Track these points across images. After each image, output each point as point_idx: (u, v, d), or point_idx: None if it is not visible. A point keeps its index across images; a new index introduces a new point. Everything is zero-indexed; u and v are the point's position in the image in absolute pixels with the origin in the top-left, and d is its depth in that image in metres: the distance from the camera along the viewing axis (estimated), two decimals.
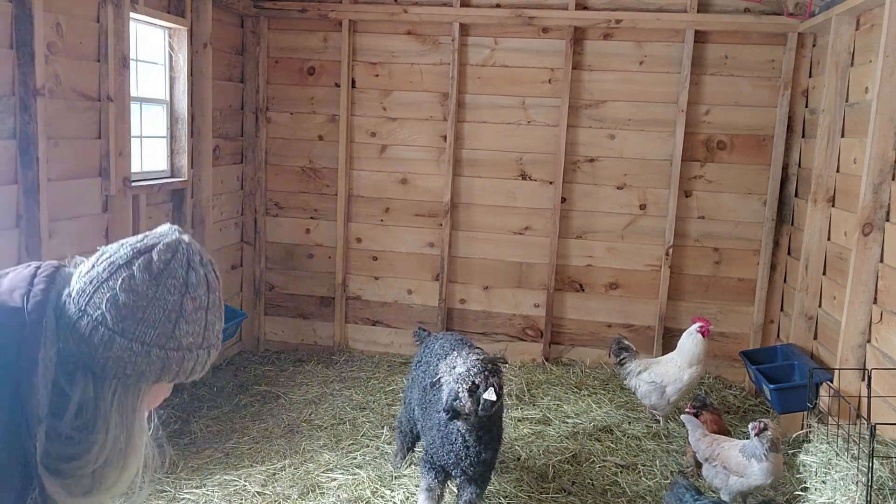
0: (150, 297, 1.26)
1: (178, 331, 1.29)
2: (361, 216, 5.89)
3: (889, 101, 3.62)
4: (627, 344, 4.82)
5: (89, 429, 1.28)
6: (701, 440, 3.62)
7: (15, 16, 3.40)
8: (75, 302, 1.26)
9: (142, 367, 1.27)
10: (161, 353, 1.28)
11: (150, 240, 1.32)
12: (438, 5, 5.53)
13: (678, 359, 4.53)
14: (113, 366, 1.26)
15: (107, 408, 1.29)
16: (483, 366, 3.04)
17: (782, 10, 5.09)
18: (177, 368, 1.31)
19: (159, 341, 1.27)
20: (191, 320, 1.30)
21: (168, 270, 1.28)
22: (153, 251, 1.29)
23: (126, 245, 1.31)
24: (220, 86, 5.35)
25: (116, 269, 1.27)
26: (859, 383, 3.73)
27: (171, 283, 1.28)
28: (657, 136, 5.44)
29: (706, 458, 3.58)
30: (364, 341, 6.00)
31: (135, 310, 1.25)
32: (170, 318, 1.27)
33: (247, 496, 3.64)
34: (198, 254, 1.34)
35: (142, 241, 1.32)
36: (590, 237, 5.62)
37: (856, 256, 3.76)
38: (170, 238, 1.33)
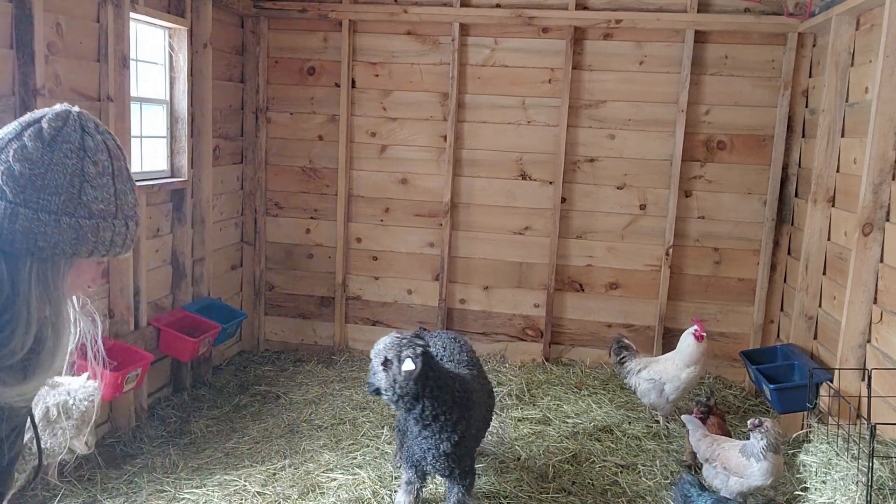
0: (46, 164, 1.23)
1: (85, 196, 1.25)
2: (361, 216, 5.89)
3: (889, 101, 3.62)
4: (627, 343, 4.85)
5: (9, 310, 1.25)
6: (701, 441, 3.62)
7: (15, 16, 3.40)
8: None
9: (53, 237, 1.23)
10: (71, 220, 1.24)
11: (38, 112, 1.30)
12: (438, 5, 5.53)
13: (677, 358, 4.55)
14: (22, 240, 1.22)
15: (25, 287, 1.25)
16: (397, 340, 3.07)
17: (782, 10, 5.09)
18: (93, 239, 1.27)
19: (67, 208, 1.24)
20: (97, 185, 1.27)
21: (61, 136, 1.26)
22: (42, 120, 1.27)
23: (15, 122, 1.29)
24: (220, 86, 5.35)
25: (6, 142, 1.25)
26: (859, 383, 3.73)
27: (66, 148, 1.25)
28: (657, 136, 5.44)
29: (706, 458, 3.58)
30: (364, 341, 6.00)
31: (32, 178, 1.22)
32: (73, 184, 1.24)
33: (247, 496, 3.64)
34: (91, 121, 1.32)
35: (30, 115, 1.30)
36: (590, 237, 5.62)
37: (856, 256, 3.76)
38: (59, 109, 1.31)
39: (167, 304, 4.88)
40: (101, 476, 3.78)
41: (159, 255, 4.76)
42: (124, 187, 1.32)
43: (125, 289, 4.22)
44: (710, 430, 3.77)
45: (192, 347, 4.52)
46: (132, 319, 4.30)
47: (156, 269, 4.72)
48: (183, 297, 4.96)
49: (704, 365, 4.59)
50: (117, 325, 4.22)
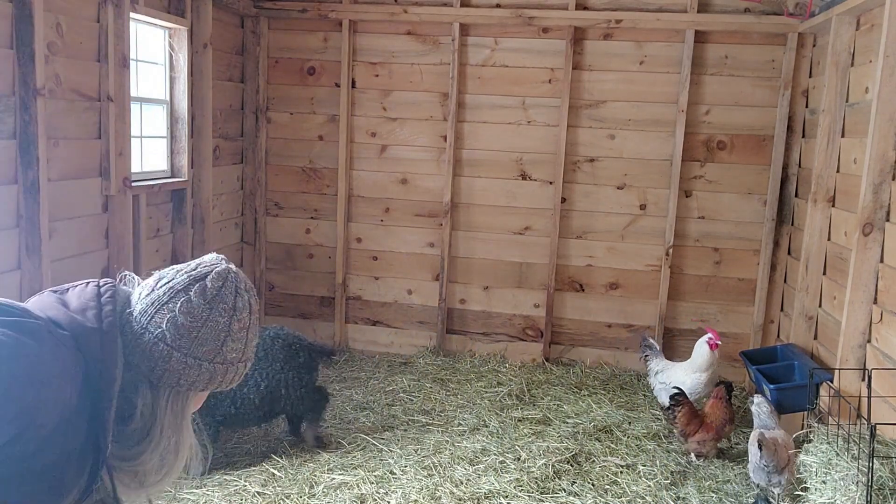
0: (204, 319, 1.45)
1: (226, 348, 1.47)
2: (361, 216, 5.89)
3: (889, 101, 3.61)
4: (652, 342, 4.90)
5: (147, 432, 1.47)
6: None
7: (15, 16, 3.40)
8: (137, 321, 1.45)
9: (193, 378, 1.45)
10: (210, 366, 1.46)
11: (203, 268, 1.52)
12: (438, 5, 5.53)
13: (688, 364, 4.61)
14: (168, 377, 1.44)
15: (161, 413, 1.47)
16: None
17: (782, 11, 5.09)
18: (220, 379, 1.50)
19: (209, 356, 1.46)
20: (236, 339, 1.49)
21: (220, 296, 1.47)
22: (207, 279, 1.48)
23: (182, 272, 1.50)
24: (220, 86, 5.35)
25: (175, 293, 1.46)
26: (859, 383, 3.72)
27: (222, 308, 1.47)
28: (657, 136, 5.44)
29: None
30: (364, 341, 6.00)
31: (191, 329, 1.43)
32: (219, 337, 1.46)
33: (247, 496, 3.64)
34: (243, 282, 1.54)
35: (195, 270, 1.51)
36: (590, 237, 5.62)
37: (856, 256, 3.75)
38: (220, 267, 1.52)
39: None
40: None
41: (159, 255, 4.76)
42: (253, 336, 1.54)
43: None
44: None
45: None
46: None
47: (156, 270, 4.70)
48: None
49: (716, 371, 4.59)
50: None
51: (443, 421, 4.65)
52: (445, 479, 3.84)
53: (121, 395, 1.42)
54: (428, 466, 3.99)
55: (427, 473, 3.91)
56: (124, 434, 1.45)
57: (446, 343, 5.87)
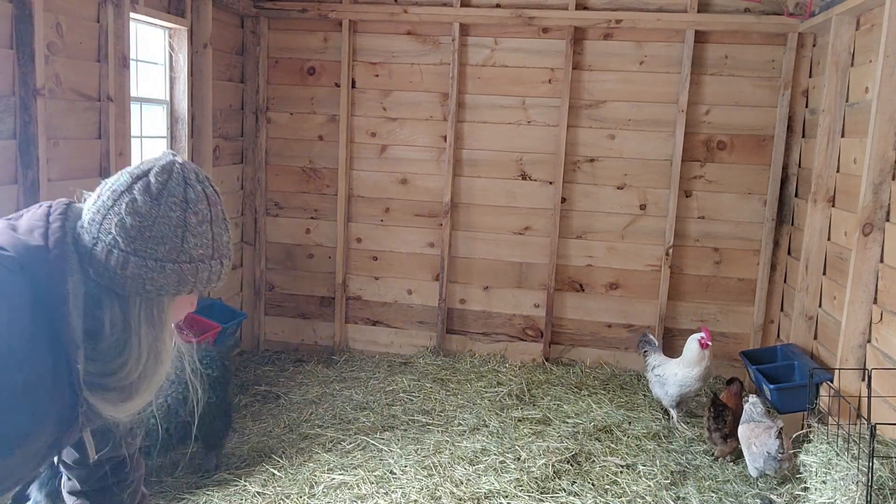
0: (153, 217, 1.36)
1: (187, 244, 1.39)
2: (361, 216, 5.89)
3: (889, 101, 3.62)
4: (651, 338, 4.95)
5: (123, 345, 1.42)
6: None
7: (15, 16, 3.40)
8: (88, 231, 1.37)
9: (159, 281, 1.38)
10: (175, 266, 1.38)
11: (145, 165, 1.43)
12: (438, 5, 5.53)
13: (680, 360, 4.65)
14: (132, 284, 1.37)
15: (136, 324, 1.42)
16: None
17: (782, 10, 5.09)
18: (192, 280, 1.42)
19: (171, 256, 1.38)
20: (197, 233, 1.40)
21: (167, 190, 1.38)
22: (150, 174, 1.40)
23: (125, 173, 1.42)
24: (220, 86, 5.35)
25: (119, 195, 1.38)
26: (859, 383, 3.73)
27: (171, 201, 1.38)
28: (657, 136, 5.44)
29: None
30: (364, 341, 6.00)
31: (142, 230, 1.35)
32: (176, 234, 1.38)
33: (247, 496, 3.64)
34: (193, 171, 1.44)
35: (138, 167, 1.42)
36: (590, 237, 5.62)
37: (856, 256, 3.76)
38: (164, 161, 1.43)
39: None
40: None
41: None
42: (220, 230, 1.46)
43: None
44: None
45: None
46: None
47: None
48: None
49: (708, 368, 4.59)
50: None
51: (443, 421, 4.65)
52: (445, 479, 3.84)
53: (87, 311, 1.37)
54: (428, 466, 3.99)
55: (427, 473, 3.91)
56: (100, 350, 1.41)
57: (446, 343, 5.88)
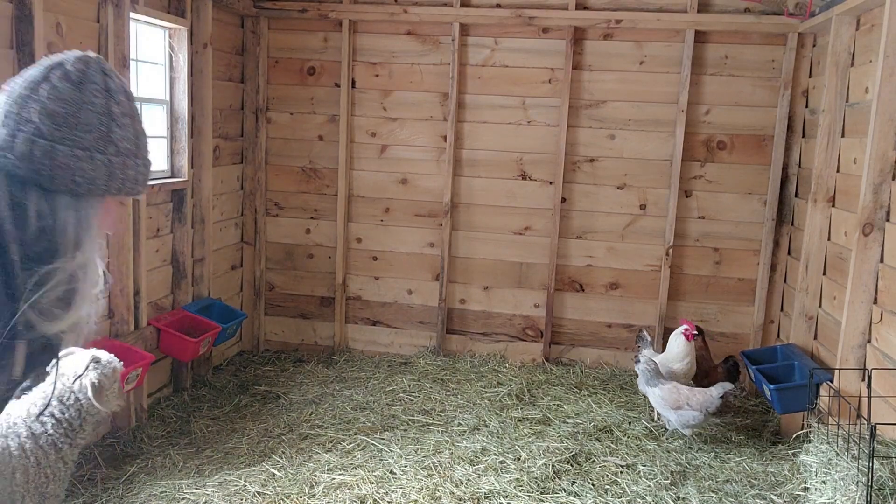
0: (77, 103, 1.33)
1: (113, 134, 1.36)
2: (361, 216, 5.89)
3: (889, 101, 3.62)
4: (645, 335, 4.99)
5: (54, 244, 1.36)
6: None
7: (15, 16, 3.40)
8: (4, 125, 1.31)
9: (89, 174, 1.33)
10: (103, 157, 1.35)
11: (56, 57, 1.39)
12: (438, 5, 5.53)
13: (665, 355, 4.72)
14: (61, 177, 1.32)
15: (64, 222, 1.36)
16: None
17: (782, 11, 5.09)
18: (121, 176, 1.39)
19: (98, 146, 1.34)
20: (122, 125, 1.38)
21: (87, 77, 1.35)
22: (66, 64, 1.36)
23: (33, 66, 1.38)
24: (220, 86, 5.35)
25: (35, 84, 1.33)
26: (859, 383, 3.73)
27: (93, 88, 1.35)
28: (657, 136, 5.44)
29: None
30: (364, 341, 6.00)
31: (66, 116, 1.31)
32: (102, 122, 1.35)
33: (247, 496, 3.64)
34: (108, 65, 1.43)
35: (50, 59, 1.38)
36: (590, 237, 5.62)
37: (856, 256, 3.76)
38: (78, 53, 1.40)
39: (167, 305, 4.88)
40: (101, 476, 3.78)
41: (159, 255, 4.76)
42: (140, 127, 1.44)
43: (125, 289, 4.22)
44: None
45: (192, 348, 4.52)
46: (132, 319, 4.30)
47: (156, 270, 4.72)
48: (183, 298, 4.96)
49: (692, 361, 4.62)
50: (117, 325, 4.22)
51: (443, 421, 4.65)
52: (445, 479, 3.84)
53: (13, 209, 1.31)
54: (428, 466, 3.99)
55: (427, 473, 3.91)
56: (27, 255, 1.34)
57: (446, 343, 5.88)
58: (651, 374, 4.42)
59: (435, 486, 3.77)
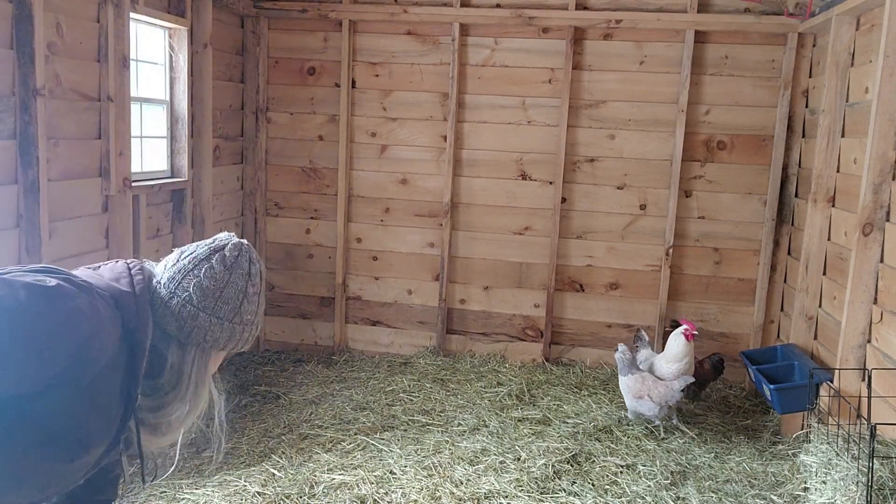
0: (225, 282, 1.66)
1: (243, 309, 1.69)
2: (361, 216, 5.89)
3: (889, 101, 3.62)
4: (643, 335, 5.04)
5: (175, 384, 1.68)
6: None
7: (15, 16, 3.40)
8: (166, 287, 1.65)
9: (216, 335, 1.66)
10: (230, 325, 1.67)
11: (220, 241, 1.74)
12: (438, 5, 5.53)
13: (663, 355, 4.72)
14: (196, 335, 1.64)
15: (189, 368, 1.68)
16: None
17: (782, 11, 5.09)
18: (238, 338, 1.70)
19: (230, 316, 1.67)
20: (251, 301, 1.71)
21: (237, 263, 1.70)
22: (225, 249, 1.71)
23: (202, 245, 1.72)
24: (220, 86, 5.35)
25: (199, 261, 1.68)
26: (859, 383, 3.73)
27: (239, 273, 1.69)
28: (657, 136, 5.44)
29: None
30: (364, 341, 6.00)
31: (214, 291, 1.65)
32: (238, 298, 1.68)
33: (247, 496, 3.64)
34: (255, 252, 1.78)
35: (214, 242, 1.73)
36: (590, 237, 5.62)
37: (856, 256, 3.76)
38: (235, 240, 1.75)
39: None
40: None
41: (159, 255, 4.70)
42: (264, 301, 1.77)
43: None
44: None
45: None
46: None
47: None
48: None
49: (691, 361, 4.62)
50: None
51: (443, 421, 4.65)
52: (445, 479, 3.84)
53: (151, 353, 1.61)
54: (428, 466, 3.99)
55: (427, 473, 3.91)
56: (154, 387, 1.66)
57: (446, 343, 5.88)
58: (624, 363, 4.57)
59: (435, 486, 3.77)
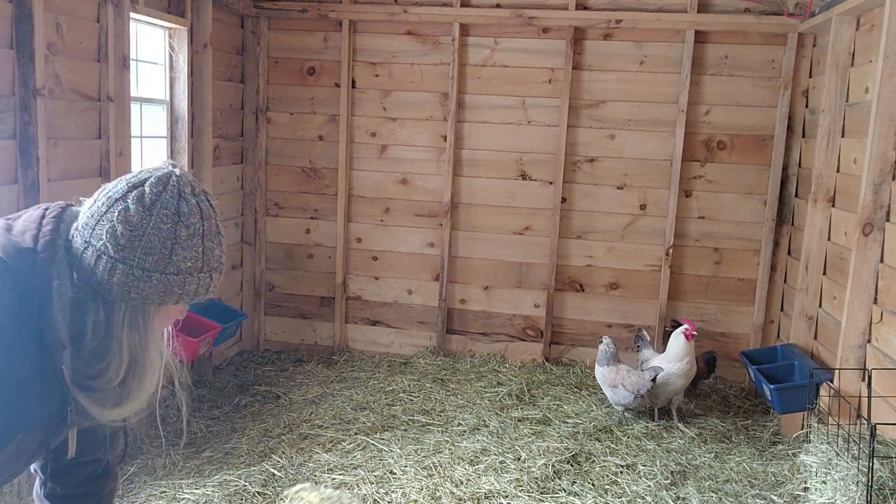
0: (144, 227, 1.39)
1: (175, 256, 1.41)
2: (361, 216, 5.89)
3: (889, 101, 3.62)
4: (644, 335, 5.07)
5: (105, 350, 1.45)
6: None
7: (15, 16, 3.40)
8: (81, 235, 1.42)
9: (144, 290, 1.41)
10: (161, 277, 1.41)
11: (143, 174, 1.45)
12: (438, 5, 5.53)
13: (665, 355, 4.74)
14: (118, 290, 1.40)
15: (118, 328, 1.45)
16: None
17: (782, 11, 5.09)
18: (179, 291, 1.44)
19: (158, 267, 1.40)
20: (186, 246, 1.42)
21: (160, 202, 1.41)
22: (145, 184, 1.42)
23: (122, 180, 1.45)
24: (220, 86, 5.35)
25: (113, 202, 1.41)
26: (859, 383, 3.73)
27: (163, 214, 1.40)
28: (657, 136, 5.44)
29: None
30: (364, 341, 6.00)
31: (131, 239, 1.38)
32: (165, 246, 1.40)
33: (247, 496, 3.64)
34: (189, 184, 1.47)
35: (136, 176, 1.45)
36: (590, 237, 5.62)
37: (856, 256, 3.76)
38: (161, 172, 1.45)
39: None
40: None
41: None
42: (211, 244, 1.48)
43: None
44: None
45: (192, 347, 4.52)
46: None
47: None
48: None
49: (691, 361, 4.63)
50: None
51: (443, 421, 4.65)
52: (445, 479, 3.84)
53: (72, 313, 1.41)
54: (428, 466, 3.99)
55: (427, 473, 3.91)
56: (83, 353, 1.44)
57: (446, 343, 5.88)
58: (606, 355, 4.73)
59: (435, 486, 3.77)
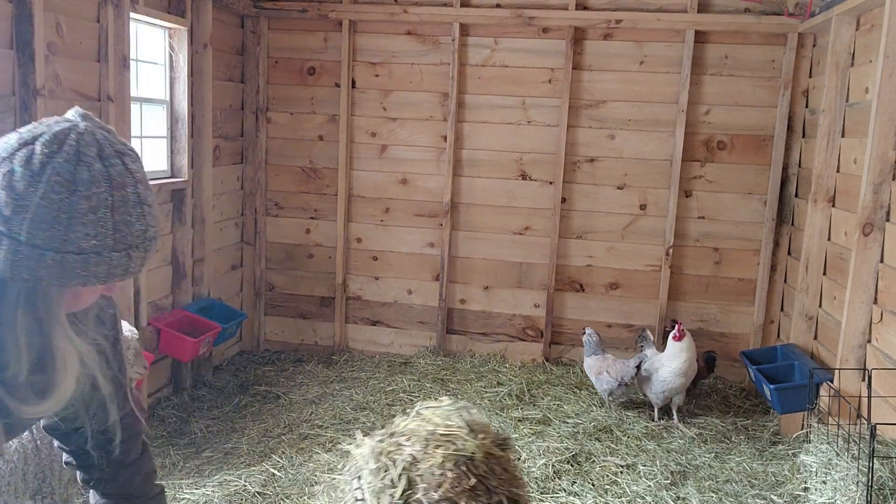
0: (30, 196, 1.12)
1: (73, 233, 1.14)
2: (361, 216, 5.89)
3: (889, 101, 3.62)
4: (647, 335, 5.07)
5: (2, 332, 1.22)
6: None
7: (15, 16, 3.40)
8: None
9: (36, 271, 1.14)
10: (57, 256, 1.14)
11: (39, 127, 1.18)
12: (438, 5, 5.53)
13: (663, 355, 4.74)
14: (5, 268, 1.14)
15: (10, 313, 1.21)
16: None
17: (782, 11, 5.09)
18: (83, 272, 1.17)
19: (52, 245, 1.14)
20: (88, 222, 1.15)
21: (51, 166, 1.13)
22: (36, 142, 1.15)
23: (14, 135, 1.18)
24: (220, 86, 5.35)
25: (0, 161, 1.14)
26: (859, 383, 3.73)
27: (54, 181, 1.13)
28: (657, 136, 5.44)
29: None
30: (364, 341, 6.00)
31: (16, 209, 1.12)
32: (59, 220, 1.13)
33: (247, 496, 3.64)
34: (94, 145, 1.18)
35: (31, 130, 1.18)
36: (590, 237, 5.62)
37: (856, 256, 3.76)
38: (59, 126, 1.17)
39: (167, 305, 4.88)
40: None
41: (159, 255, 4.76)
42: (127, 218, 1.20)
43: (125, 289, 4.22)
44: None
45: (192, 347, 4.52)
46: (132, 319, 4.30)
47: (156, 269, 4.72)
48: (183, 298, 4.96)
49: (688, 360, 4.60)
50: None
51: None
52: None
53: None
54: None
55: None
56: None
57: (446, 343, 5.88)
58: (590, 345, 4.93)
59: None
